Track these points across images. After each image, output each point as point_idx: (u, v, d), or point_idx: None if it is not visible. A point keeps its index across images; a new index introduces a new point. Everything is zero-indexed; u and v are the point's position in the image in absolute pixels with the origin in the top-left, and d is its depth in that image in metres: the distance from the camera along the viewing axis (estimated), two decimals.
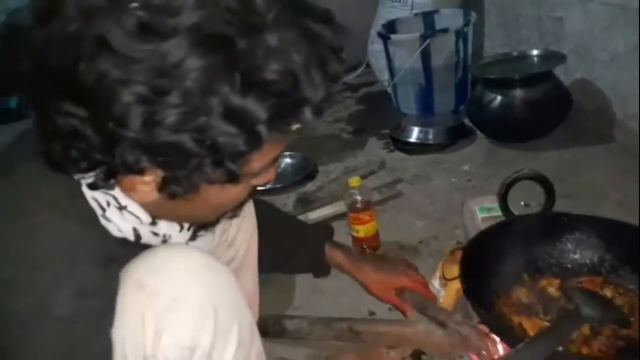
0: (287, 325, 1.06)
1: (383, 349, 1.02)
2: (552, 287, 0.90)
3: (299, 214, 1.54)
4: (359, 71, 2.56)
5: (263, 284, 1.24)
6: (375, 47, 2.18)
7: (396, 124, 1.95)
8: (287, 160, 1.91)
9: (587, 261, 0.93)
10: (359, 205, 1.31)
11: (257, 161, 0.53)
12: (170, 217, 0.60)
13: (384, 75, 2.20)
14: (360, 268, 1.08)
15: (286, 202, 1.65)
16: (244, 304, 0.61)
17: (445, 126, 1.87)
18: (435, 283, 1.09)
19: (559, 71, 1.71)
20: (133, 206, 0.56)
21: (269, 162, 0.56)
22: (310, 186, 1.73)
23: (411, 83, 2.01)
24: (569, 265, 0.94)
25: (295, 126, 0.51)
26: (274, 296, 1.24)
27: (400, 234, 1.41)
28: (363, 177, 1.68)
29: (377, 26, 2.14)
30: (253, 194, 0.63)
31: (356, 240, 1.35)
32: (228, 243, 0.88)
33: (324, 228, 1.20)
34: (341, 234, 1.44)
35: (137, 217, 0.57)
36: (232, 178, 0.52)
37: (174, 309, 0.54)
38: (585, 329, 0.82)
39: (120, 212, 0.56)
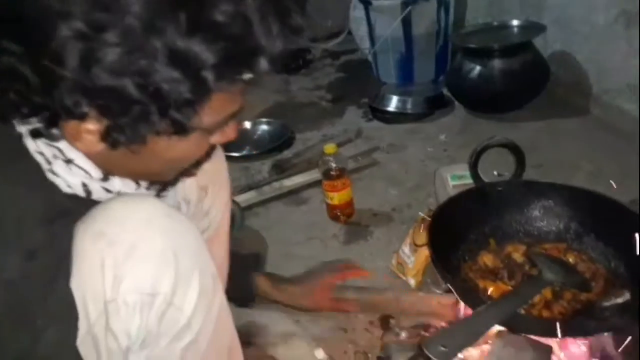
0: None
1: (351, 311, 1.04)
2: (517, 252, 0.91)
3: (274, 181, 1.53)
4: (340, 38, 2.52)
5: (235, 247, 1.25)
6: (357, 13, 2.14)
7: (375, 92, 1.94)
8: (264, 127, 1.89)
9: (553, 228, 0.95)
10: (333, 173, 1.30)
11: (208, 114, 0.50)
12: (120, 172, 0.57)
13: (365, 43, 2.17)
14: (285, 290, 1.05)
15: (261, 168, 1.64)
16: (206, 253, 0.59)
17: (424, 96, 1.86)
18: (406, 249, 1.10)
19: (539, 43, 1.70)
20: (81, 159, 0.53)
21: (224, 118, 0.54)
22: (286, 153, 1.72)
23: (392, 51, 1.99)
24: (535, 232, 0.95)
25: (247, 76, 0.49)
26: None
27: (374, 201, 1.41)
28: (340, 145, 1.68)
29: None
30: (210, 152, 0.61)
31: (330, 208, 1.35)
32: (204, 213, 0.86)
33: (252, 257, 1.17)
34: (316, 201, 1.44)
35: (86, 172, 0.54)
36: (179, 129, 0.49)
37: (133, 255, 0.53)
38: (548, 293, 0.84)
39: (68, 165, 0.53)
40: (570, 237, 0.93)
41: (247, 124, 1.91)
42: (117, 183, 0.57)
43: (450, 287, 0.81)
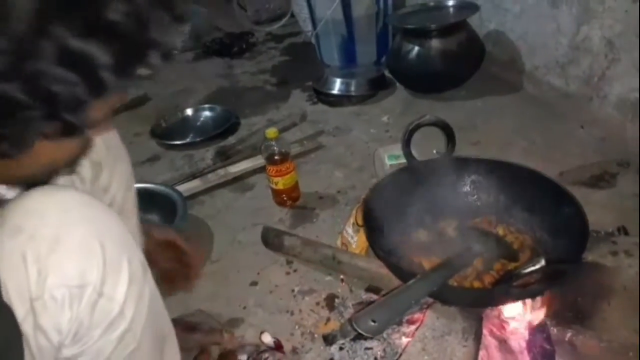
0: (285, 241, 1.12)
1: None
2: (450, 228, 0.95)
3: (219, 168, 1.52)
4: (283, 21, 2.51)
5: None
6: None
7: (319, 75, 1.94)
8: (207, 113, 1.87)
9: (483, 202, 0.99)
10: (276, 157, 1.31)
11: (96, 110, 0.49)
12: None
13: (308, 26, 2.17)
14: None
15: (205, 156, 1.62)
16: (131, 240, 0.58)
17: (366, 78, 1.88)
18: (349, 230, 1.12)
19: (474, 22, 1.75)
20: None
21: (109, 111, 0.52)
22: (231, 140, 1.70)
23: (333, 34, 2.00)
24: (466, 207, 0.99)
25: (141, 72, 0.49)
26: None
27: (320, 184, 1.43)
28: (285, 129, 1.68)
29: None
30: (88, 147, 0.58)
31: (276, 192, 1.36)
32: (103, 189, 0.84)
33: None
34: (261, 186, 1.44)
35: None
36: (70, 131, 0.48)
37: (57, 248, 0.51)
38: (479, 264, 0.88)
39: None
40: (499, 210, 0.98)
41: (189, 111, 1.88)
42: None
43: (383, 262, 0.83)
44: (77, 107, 0.46)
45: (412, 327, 0.90)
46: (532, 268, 0.72)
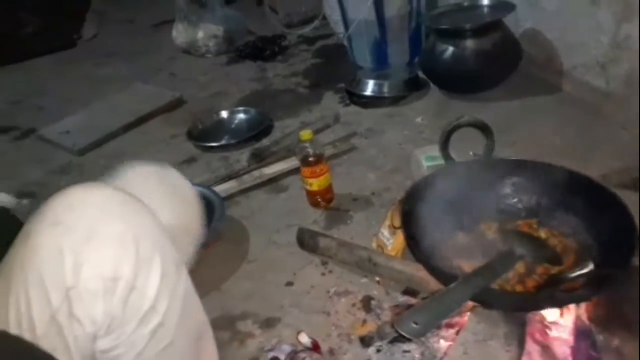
0: (320, 242, 1.12)
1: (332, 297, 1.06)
2: (490, 230, 0.94)
3: (254, 170, 1.53)
4: (315, 23, 2.52)
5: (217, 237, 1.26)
6: None
7: (352, 77, 1.94)
8: (242, 115, 1.89)
9: (524, 205, 0.97)
10: (311, 159, 1.31)
11: None
12: None
13: (340, 28, 2.17)
14: None
15: (240, 158, 1.64)
16: (166, 238, 0.60)
17: (399, 79, 1.87)
18: (385, 232, 1.12)
19: (510, 22, 1.72)
20: None
21: None
22: (265, 142, 1.72)
23: (365, 35, 1.99)
24: (507, 209, 0.97)
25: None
26: (230, 249, 1.26)
27: (354, 186, 1.43)
28: (318, 131, 1.68)
29: None
30: None
31: (310, 194, 1.37)
32: None
33: None
34: (295, 188, 1.45)
35: None
36: None
37: (92, 240, 0.53)
38: (521, 268, 0.87)
39: None
40: (541, 213, 0.96)
41: (224, 113, 1.90)
42: None
43: (423, 266, 0.83)
44: None
45: (451, 331, 0.89)
46: (580, 272, 0.70)
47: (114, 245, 0.54)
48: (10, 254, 0.55)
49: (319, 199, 1.36)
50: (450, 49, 1.67)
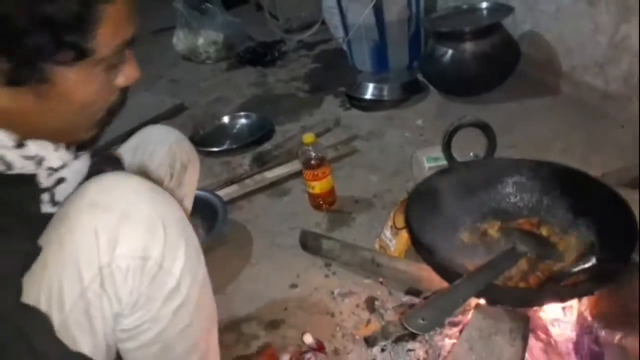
0: (323, 244, 1.12)
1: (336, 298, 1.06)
2: (492, 229, 0.94)
3: (256, 174, 1.54)
4: (314, 29, 2.53)
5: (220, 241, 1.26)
6: (330, 2, 2.15)
7: (351, 81, 1.95)
8: (243, 120, 1.90)
9: (525, 203, 0.98)
10: (313, 162, 1.32)
11: (103, 39, 0.52)
12: (34, 132, 0.57)
13: (339, 32, 2.19)
14: None
15: (242, 162, 1.65)
16: (189, 227, 0.63)
17: (399, 82, 1.89)
18: (388, 233, 1.12)
19: (508, 24, 1.73)
20: None
21: (119, 44, 0.55)
22: (266, 146, 1.73)
23: (365, 39, 2.01)
24: (509, 208, 0.98)
25: None
26: (233, 252, 1.27)
27: (356, 188, 1.44)
28: (319, 134, 1.70)
29: None
30: (121, 98, 0.62)
31: (312, 197, 1.37)
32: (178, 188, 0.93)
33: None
34: (297, 191, 1.46)
35: None
36: (78, 53, 0.51)
37: (126, 222, 0.56)
38: (524, 265, 0.87)
39: None
40: (542, 211, 0.96)
41: (226, 119, 1.92)
42: (33, 148, 0.57)
43: (428, 265, 0.83)
44: (76, 25, 0.49)
45: (455, 329, 0.90)
46: (583, 266, 0.71)
47: (145, 227, 0.57)
48: (49, 234, 0.57)
49: (322, 202, 1.37)
50: (450, 51, 1.68)
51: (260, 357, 0.96)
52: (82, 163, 0.64)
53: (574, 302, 0.82)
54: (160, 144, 0.90)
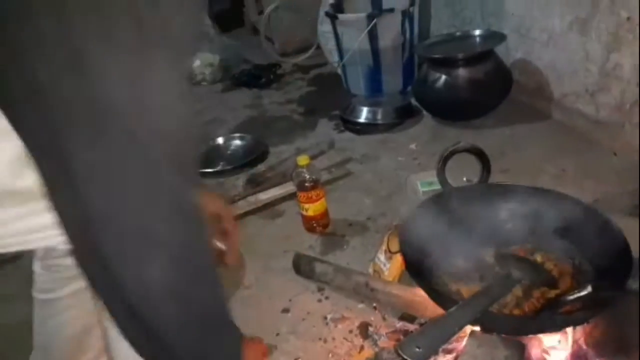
0: (316, 268, 1.12)
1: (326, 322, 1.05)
2: (487, 255, 0.94)
3: (249, 195, 1.54)
4: (309, 53, 2.57)
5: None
6: (325, 27, 2.18)
7: (346, 104, 1.97)
8: (237, 142, 1.90)
9: (519, 230, 0.98)
10: (307, 184, 1.32)
11: None
12: None
13: (334, 57, 2.21)
14: None
15: (236, 183, 1.65)
16: None
17: (393, 106, 1.91)
18: (382, 257, 1.12)
19: (501, 51, 1.76)
20: None
21: None
22: (260, 167, 1.73)
23: (360, 64, 2.03)
24: (503, 234, 0.98)
25: None
26: (225, 275, 1.24)
27: (349, 211, 1.44)
28: (313, 157, 1.70)
29: (326, 6, 2.14)
30: None
31: (306, 219, 1.37)
32: None
33: None
34: (291, 213, 1.45)
35: None
36: None
37: None
38: (518, 292, 0.87)
39: None
40: (536, 238, 0.96)
41: (220, 140, 1.92)
42: None
43: (423, 290, 0.83)
44: None
45: (449, 357, 0.88)
46: (579, 294, 0.71)
47: None
48: None
49: (315, 225, 1.36)
50: (443, 77, 1.70)
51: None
52: None
53: (569, 330, 0.81)
54: None
